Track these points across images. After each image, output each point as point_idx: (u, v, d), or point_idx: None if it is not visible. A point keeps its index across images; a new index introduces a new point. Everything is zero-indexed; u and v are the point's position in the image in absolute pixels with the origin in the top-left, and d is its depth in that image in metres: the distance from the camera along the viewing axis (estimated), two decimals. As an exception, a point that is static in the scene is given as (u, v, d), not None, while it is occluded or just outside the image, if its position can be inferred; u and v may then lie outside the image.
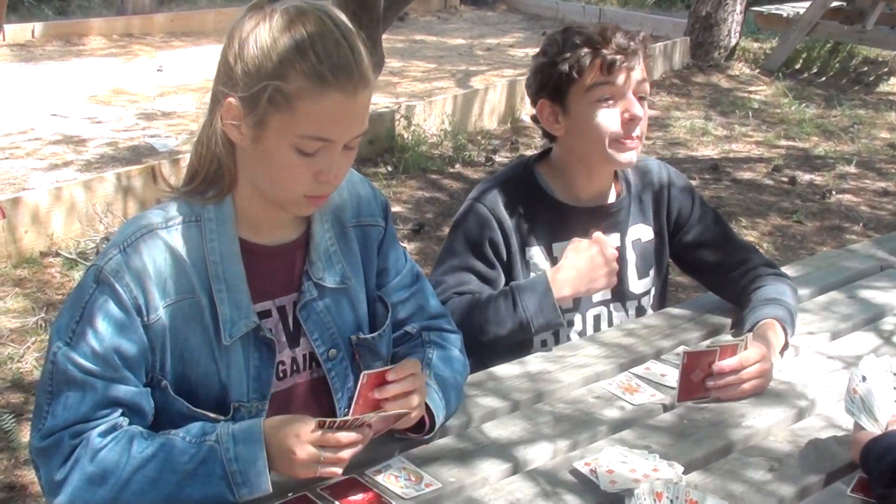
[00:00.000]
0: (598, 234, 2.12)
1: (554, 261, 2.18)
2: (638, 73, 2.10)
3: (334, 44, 1.50)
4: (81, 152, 6.02)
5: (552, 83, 2.13)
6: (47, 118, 6.70)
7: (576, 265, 2.08)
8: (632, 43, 2.08)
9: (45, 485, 1.55)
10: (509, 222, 2.16)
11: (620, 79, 2.07)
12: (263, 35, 1.50)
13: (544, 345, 2.17)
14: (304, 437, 1.49)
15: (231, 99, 1.52)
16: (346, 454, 1.51)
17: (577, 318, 2.22)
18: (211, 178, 1.60)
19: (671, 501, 1.41)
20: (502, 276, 2.17)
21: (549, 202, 2.20)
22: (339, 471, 1.52)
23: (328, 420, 1.50)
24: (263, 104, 1.50)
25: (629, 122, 2.09)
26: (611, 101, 2.09)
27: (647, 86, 2.14)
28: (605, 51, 2.06)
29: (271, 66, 1.49)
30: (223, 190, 1.60)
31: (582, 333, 2.23)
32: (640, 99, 2.12)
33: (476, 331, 2.04)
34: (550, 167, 2.24)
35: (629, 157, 2.13)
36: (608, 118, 2.09)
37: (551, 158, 2.25)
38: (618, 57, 2.06)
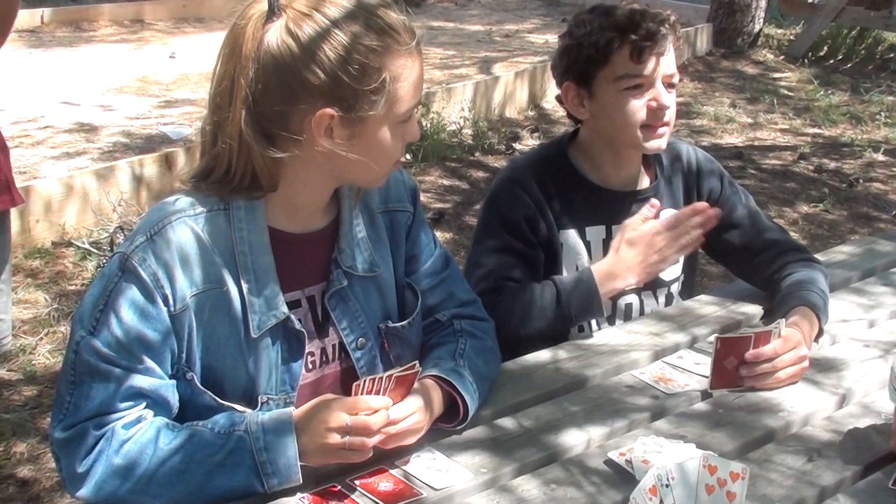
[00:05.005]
0: (636, 219, 2.05)
1: (587, 244, 2.15)
2: (668, 58, 2.05)
3: (385, 11, 1.51)
4: (94, 140, 5.93)
5: (578, 66, 2.09)
6: (58, 106, 6.58)
7: (625, 257, 2.04)
8: (662, 28, 2.03)
9: (67, 477, 1.53)
10: (543, 201, 2.12)
11: (650, 67, 2.03)
12: (335, 33, 1.46)
13: (581, 331, 2.14)
14: (332, 425, 1.46)
15: (327, 110, 1.48)
16: (372, 441, 1.49)
17: (608, 304, 2.18)
18: (246, 185, 1.54)
19: (665, 486, 1.39)
20: (541, 253, 2.13)
21: (582, 184, 2.16)
22: (364, 457, 1.50)
23: (360, 382, 1.51)
24: (368, 98, 1.49)
25: (657, 110, 2.05)
26: (639, 89, 2.05)
27: (676, 73, 2.09)
28: (633, 36, 2.01)
29: (362, 58, 1.47)
30: (257, 195, 1.56)
31: (612, 321, 2.20)
32: (670, 86, 2.07)
33: (517, 324, 2.02)
34: (580, 149, 2.20)
35: (658, 143, 2.10)
36: (635, 106, 2.05)
37: (579, 140, 2.21)
38: (647, 44, 2.01)
